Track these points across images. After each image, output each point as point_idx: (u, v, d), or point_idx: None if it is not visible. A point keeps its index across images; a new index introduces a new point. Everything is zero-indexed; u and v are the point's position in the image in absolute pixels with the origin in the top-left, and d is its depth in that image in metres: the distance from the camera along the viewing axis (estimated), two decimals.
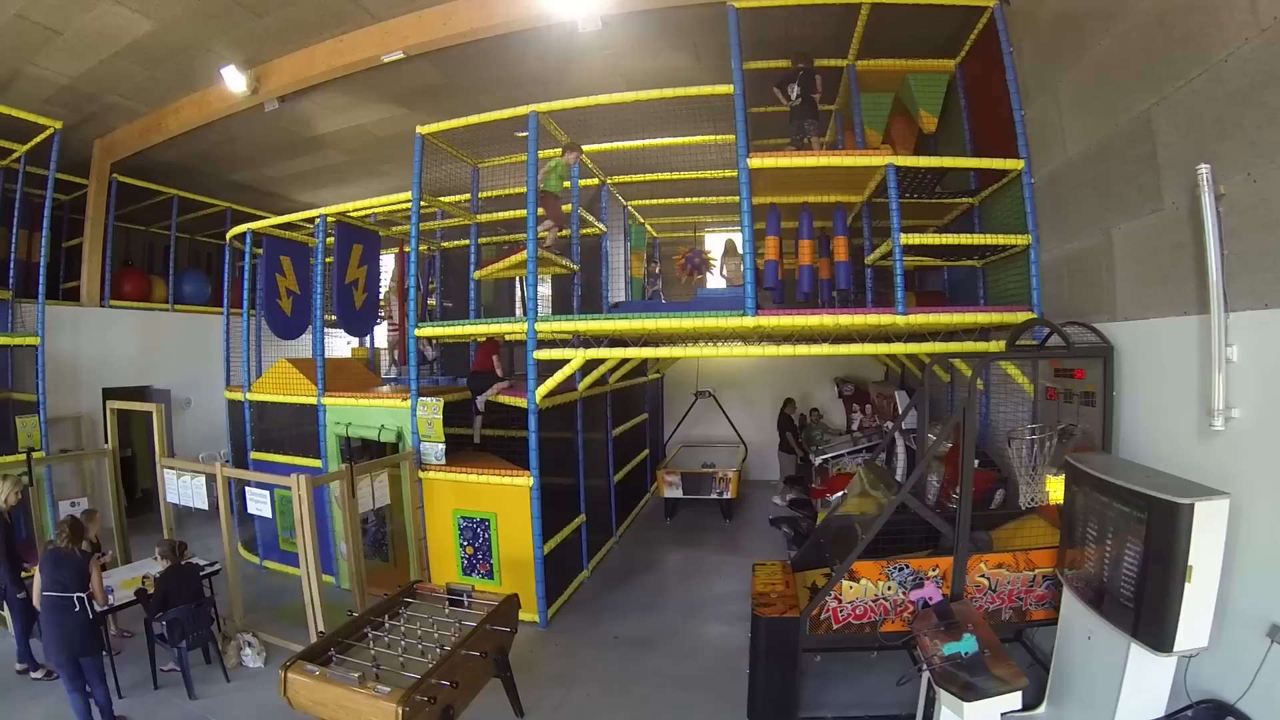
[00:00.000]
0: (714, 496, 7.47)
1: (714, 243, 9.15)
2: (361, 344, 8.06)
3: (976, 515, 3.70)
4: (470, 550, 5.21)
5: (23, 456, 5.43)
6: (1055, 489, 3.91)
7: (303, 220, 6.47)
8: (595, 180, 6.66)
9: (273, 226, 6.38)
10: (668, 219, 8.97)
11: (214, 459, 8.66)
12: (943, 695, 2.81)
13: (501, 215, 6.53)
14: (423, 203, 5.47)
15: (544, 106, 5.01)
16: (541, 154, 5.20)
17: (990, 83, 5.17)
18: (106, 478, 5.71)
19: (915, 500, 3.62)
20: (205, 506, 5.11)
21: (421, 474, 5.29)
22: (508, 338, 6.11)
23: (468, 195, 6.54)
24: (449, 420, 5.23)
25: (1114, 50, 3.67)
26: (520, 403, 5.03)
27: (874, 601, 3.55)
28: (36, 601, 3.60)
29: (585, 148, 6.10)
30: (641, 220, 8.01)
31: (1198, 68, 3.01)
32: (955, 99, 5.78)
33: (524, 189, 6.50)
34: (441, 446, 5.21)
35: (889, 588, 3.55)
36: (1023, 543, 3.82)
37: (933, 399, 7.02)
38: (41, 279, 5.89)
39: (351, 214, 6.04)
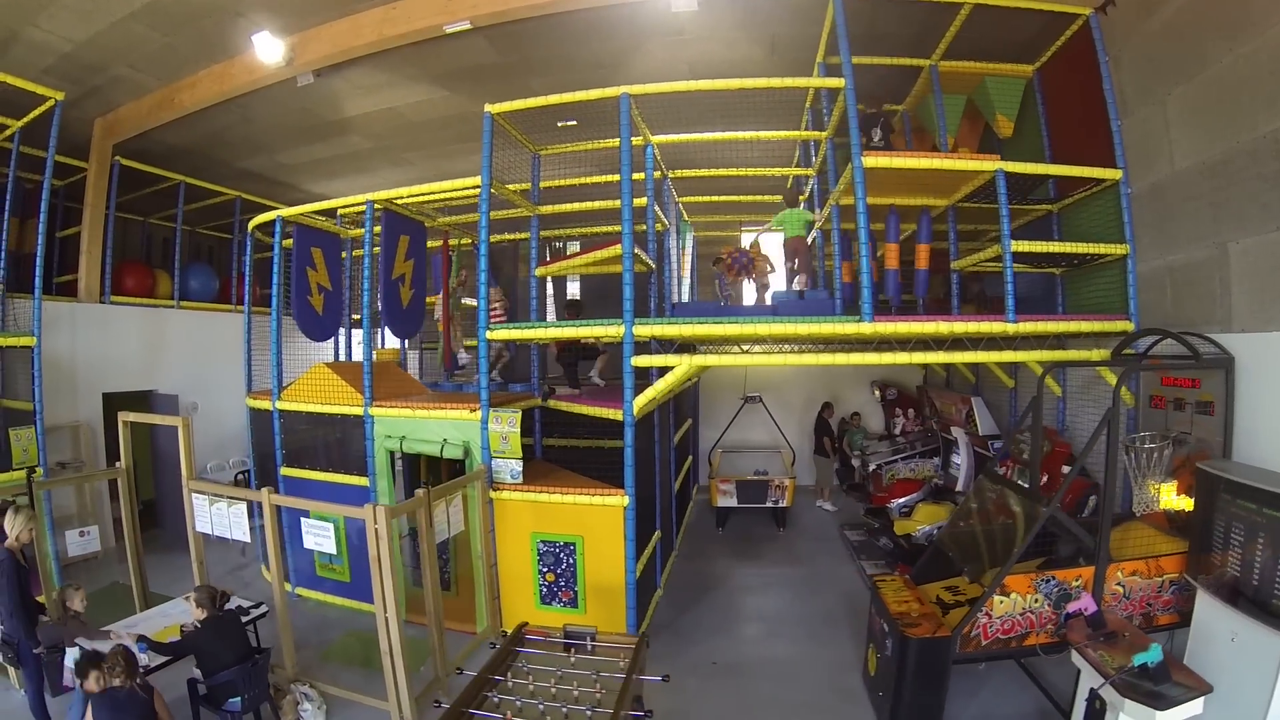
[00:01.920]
0: (770, 505, 7.64)
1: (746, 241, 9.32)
2: (383, 344, 7.79)
3: (1079, 523, 3.98)
4: (551, 577, 5.13)
5: (21, 475, 5.01)
6: (1166, 495, 4.27)
7: (321, 210, 6.20)
8: (658, 173, 6.67)
9: (305, 214, 6.08)
10: (705, 217, 9.08)
11: (223, 469, 8.28)
12: (1127, 705, 3.04)
13: (572, 207, 6.44)
14: (474, 191, 5.30)
15: (636, 89, 4.94)
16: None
17: (1075, 90, 5.51)
18: (120, 498, 5.29)
19: (1062, 512, 3.86)
20: (246, 539, 4.79)
21: (493, 494, 5.20)
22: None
23: (523, 185, 6.42)
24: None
25: (1238, 69, 4.01)
26: (614, 415, 5.02)
27: (1021, 615, 3.78)
28: None
29: (657, 139, 6.13)
30: (687, 218, 8.08)
31: None
32: (1030, 104, 6.12)
33: (586, 179, 6.55)
34: (518, 464, 5.12)
35: (1035, 600, 3.78)
36: (1133, 550, 4.14)
37: (994, 405, 7.47)
38: (38, 272, 5.41)
39: (400, 200, 5.83)
